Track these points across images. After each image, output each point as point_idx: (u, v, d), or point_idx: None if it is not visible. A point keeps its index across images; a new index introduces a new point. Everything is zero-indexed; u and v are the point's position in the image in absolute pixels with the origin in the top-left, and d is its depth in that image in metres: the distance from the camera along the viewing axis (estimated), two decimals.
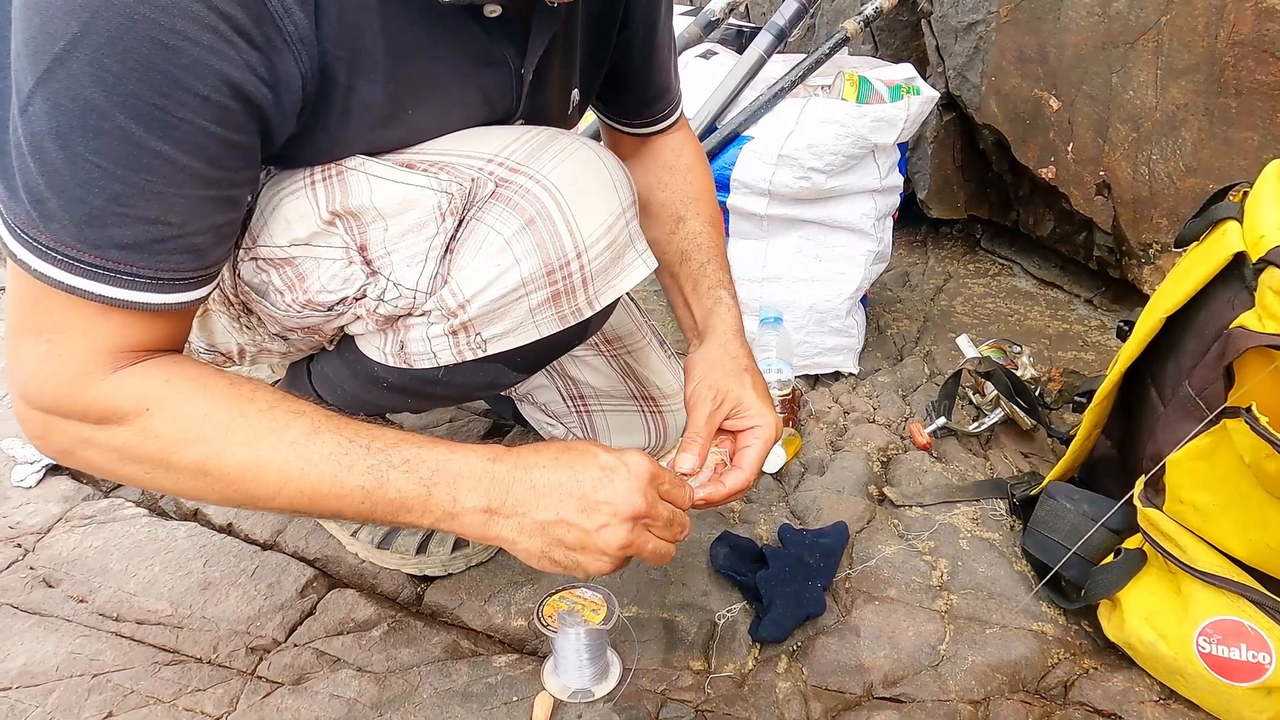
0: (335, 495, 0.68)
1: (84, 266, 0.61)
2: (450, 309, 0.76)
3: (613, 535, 0.70)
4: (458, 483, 0.69)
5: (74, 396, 0.65)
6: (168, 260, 0.63)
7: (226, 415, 0.67)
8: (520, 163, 0.77)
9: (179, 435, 0.67)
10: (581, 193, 0.77)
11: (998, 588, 1.09)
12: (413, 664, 0.97)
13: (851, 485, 1.28)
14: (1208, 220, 0.96)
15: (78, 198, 0.59)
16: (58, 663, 0.95)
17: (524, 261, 0.75)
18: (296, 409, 0.69)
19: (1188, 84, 1.49)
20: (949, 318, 1.85)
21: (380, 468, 0.68)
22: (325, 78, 0.67)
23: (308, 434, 0.68)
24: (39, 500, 1.22)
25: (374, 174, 0.74)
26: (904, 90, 1.49)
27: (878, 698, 0.95)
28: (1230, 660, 0.86)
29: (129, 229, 0.61)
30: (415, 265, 0.75)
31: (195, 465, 0.67)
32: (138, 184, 0.60)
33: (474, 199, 0.75)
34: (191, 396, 0.67)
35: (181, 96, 0.58)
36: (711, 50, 1.75)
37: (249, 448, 0.67)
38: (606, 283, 0.80)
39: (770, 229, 1.53)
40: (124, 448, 0.67)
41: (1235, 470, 0.84)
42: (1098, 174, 1.69)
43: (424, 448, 0.70)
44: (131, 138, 0.58)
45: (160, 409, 0.66)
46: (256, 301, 0.80)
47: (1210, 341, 0.88)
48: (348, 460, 0.68)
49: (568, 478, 0.71)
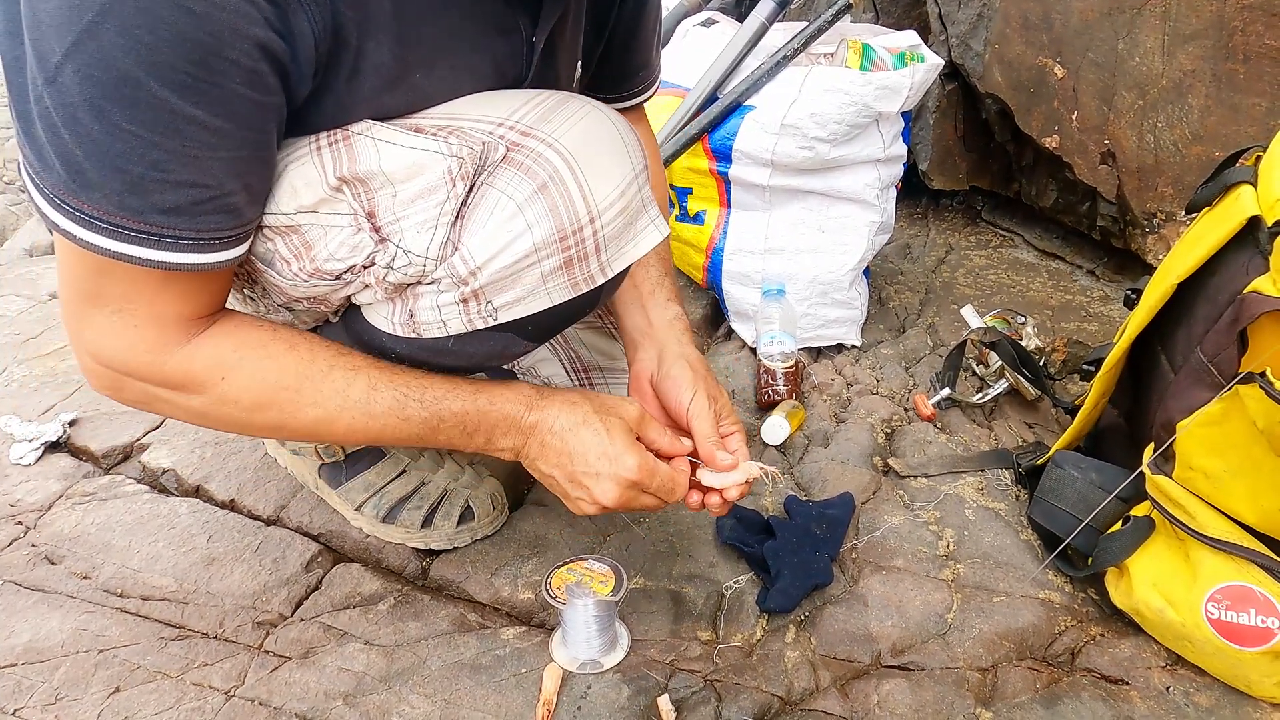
0: (394, 439, 0.81)
1: (129, 232, 0.64)
2: (461, 276, 0.75)
3: (585, 506, 0.86)
4: (494, 430, 0.84)
5: (154, 365, 0.72)
6: (208, 220, 0.66)
7: (295, 379, 0.76)
8: (532, 126, 0.75)
9: (253, 401, 0.76)
10: (594, 157, 0.75)
11: (1004, 557, 1.09)
12: (420, 637, 0.96)
13: (856, 457, 1.28)
14: (1220, 185, 0.94)
15: (117, 167, 0.61)
16: (63, 639, 0.95)
17: (536, 227, 0.73)
18: (353, 365, 0.79)
19: (1195, 49, 1.47)
20: (951, 290, 1.84)
21: (433, 420, 0.80)
22: (336, 38, 0.66)
23: (368, 390, 0.78)
24: (39, 477, 1.21)
25: (382, 139, 0.72)
26: (908, 57, 1.47)
27: (886, 666, 0.96)
28: (1239, 625, 0.86)
29: (169, 194, 0.63)
30: (425, 232, 0.73)
31: (272, 424, 0.78)
32: (175, 150, 0.62)
33: (485, 163, 0.74)
34: (261, 364, 0.75)
35: (213, 62, 0.60)
36: (712, 18, 1.72)
37: (318, 407, 0.77)
38: (619, 249, 0.79)
39: (773, 200, 1.51)
40: (203, 411, 0.76)
41: (1247, 436, 0.84)
42: (1102, 143, 1.67)
43: (468, 400, 0.82)
44: (167, 105, 0.60)
45: (234, 378, 0.74)
46: (262, 271, 0.78)
47: (1223, 307, 0.87)
48: (405, 413, 0.79)
49: (568, 452, 0.83)
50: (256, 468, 1.22)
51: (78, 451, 1.28)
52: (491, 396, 0.82)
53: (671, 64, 1.65)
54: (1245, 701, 0.90)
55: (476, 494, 1.10)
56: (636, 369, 0.98)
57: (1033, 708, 0.89)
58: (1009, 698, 0.91)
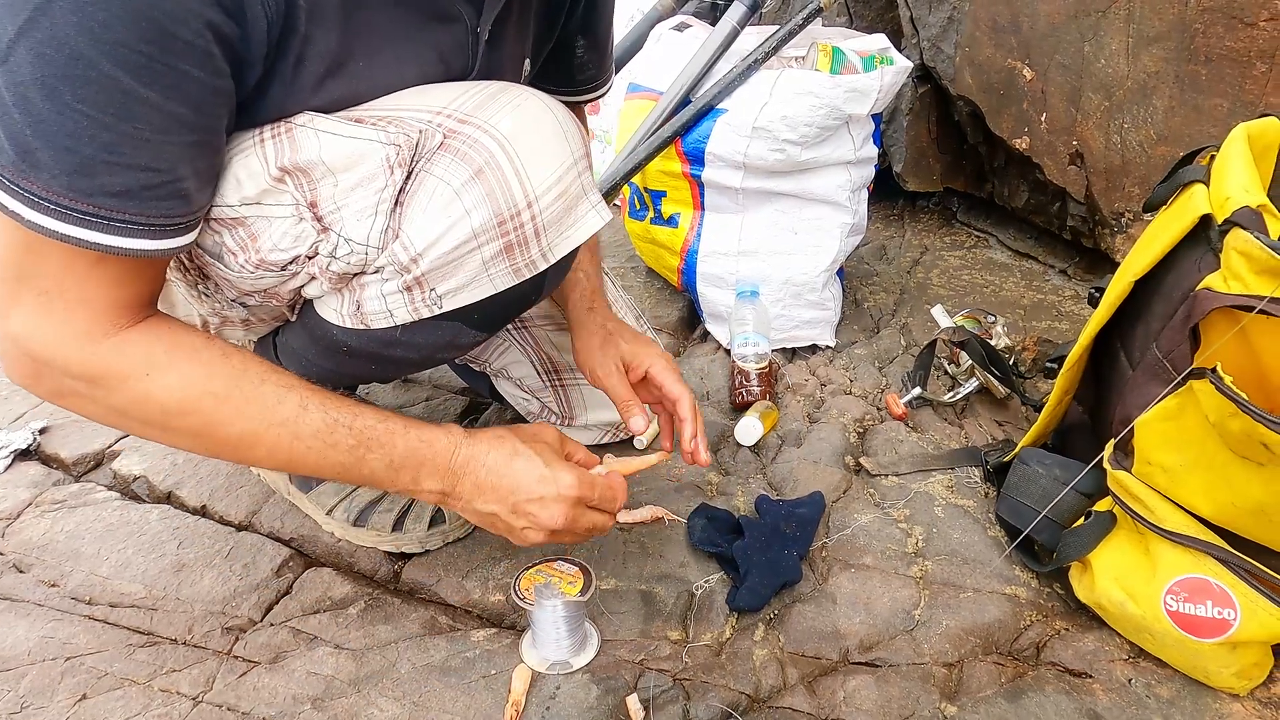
0: (317, 466, 0.78)
1: (79, 215, 0.62)
2: (403, 264, 0.76)
3: (533, 535, 0.85)
4: (421, 469, 0.81)
5: (79, 352, 0.68)
6: (159, 206, 0.65)
7: (224, 386, 0.73)
8: (468, 114, 0.76)
9: (176, 405, 0.72)
10: (531, 142, 0.76)
11: (972, 553, 1.11)
12: (390, 640, 0.96)
13: (828, 456, 1.29)
14: (1175, 184, 0.96)
15: (67, 147, 0.60)
16: (29, 647, 0.94)
17: (474, 212, 0.74)
18: (286, 384, 0.76)
19: (1159, 51, 1.49)
20: (925, 290, 1.86)
21: (359, 450, 0.78)
22: (287, 23, 0.67)
23: (297, 411, 0.75)
24: (8, 485, 1.20)
25: (323, 129, 0.73)
26: (878, 60, 1.49)
27: (854, 663, 0.96)
28: (1196, 617, 0.87)
29: (120, 177, 0.62)
30: (365, 219, 0.74)
31: (191, 432, 0.74)
32: (127, 132, 0.61)
33: (422, 151, 0.74)
34: (192, 367, 0.72)
35: (167, 43, 0.59)
36: (685, 23, 1.73)
37: (244, 421, 0.73)
38: (560, 234, 0.79)
39: (745, 202, 1.52)
40: (121, 408, 0.72)
41: (1201, 431, 0.85)
42: (1070, 144, 1.70)
43: (398, 434, 0.79)
44: (120, 86, 0.59)
45: (160, 376, 0.71)
46: (211, 264, 0.79)
47: (1177, 304, 0.88)
48: (332, 439, 0.76)
49: (508, 484, 0.83)
50: (229, 474, 1.22)
51: (48, 459, 1.28)
52: (422, 434, 0.81)
53: (645, 68, 1.67)
54: (1205, 692, 0.92)
55: None
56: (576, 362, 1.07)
57: (997, 702, 0.90)
58: (974, 692, 0.92)
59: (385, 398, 1.44)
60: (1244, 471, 0.84)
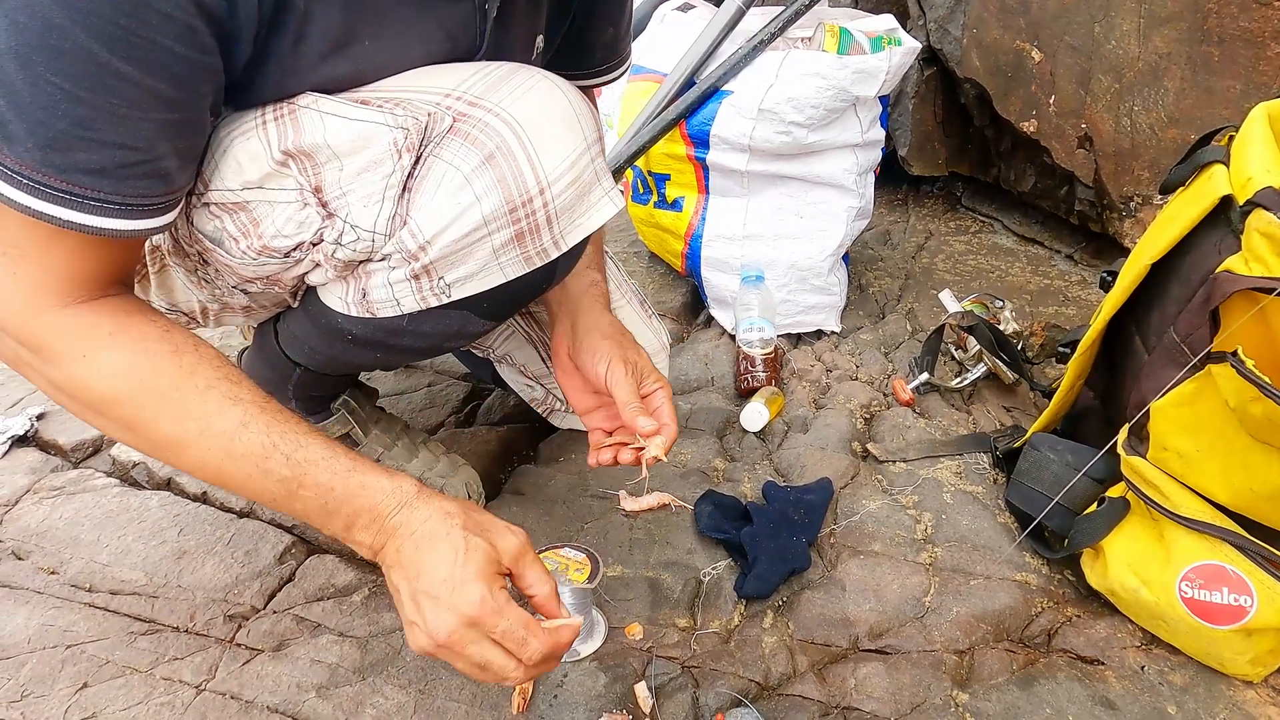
0: (244, 488, 0.71)
1: (50, 191, 0.60)
2: (411, 251, 0.73)
3: (418, 637, 0.69)
4: (355, 519, 0.72)
5: (22, 322, 0.66)
6: (136, 185, 0.63)
7: (165, 385, 0.68)
8: (479, 96, 0.73)
9: (109, 391, 0.68)
10: (543, 127, 0.73)
11: (981, 540, 1.09)
12: (395, 628, 0.95)
13: (835, 442, 1.28)
14: (1193, 165, 0.94)
15: (40, 120, 0.58)
16: (29, 635, 0.93)
17: (485, 199, 0.72)
18: (233, 395, 0.70)
19: (1170, 32, 1.47)
20: (930, 275, 1.84)
21: (293, 483, 0.70)
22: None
23: (237, 427, 0.69)
24: (5, 472, 1.19)
25: (327, 111, 0.70)
26: (885, 41, 1.46)
27: (863, 650, 0.96)
28: (1212, 604, 0.86)
29: (95, 153, 0.60)
30: (372, 205, 0.72)
31: (120, 424, 0.70)
32: (102, 107, 0.59)
33: (431, 134, 0.72)
34: (134, 357, 0.68)
35: (144, 14, 0.57)
36: (689, 3, 1.71)
37: (177, 424, 0.69)
38: (572, 221, 0.77)
39: (751, 186, 1.50)
40: (59, 384, 0.69)
41: (1219, 415, 0.84)
42: (1079, 126, 1.68)
43: (339, 476, 0.71)
44: (94, 58, 0.57)
45: (97, 360, 0.67)
46: (212, 250, 0.76)
47: (1196, 287, 0.87)
48: (267, 465, 0.69)
49: (416, 566, 0.70)
50: None
51: (46, 445, 1.26)
52: (365, 480, 0.71)
53: (649, 49, 1.64)
54: (1219, 679, 0.91)
55: (452, 483, 1.09)
56: (554, 344, 0.97)
57: (1009, 689, 0.89)
58: (985, 679, 0.91)
59: (386, 384, 1.43)
60: (1263, 456, 0.83)
